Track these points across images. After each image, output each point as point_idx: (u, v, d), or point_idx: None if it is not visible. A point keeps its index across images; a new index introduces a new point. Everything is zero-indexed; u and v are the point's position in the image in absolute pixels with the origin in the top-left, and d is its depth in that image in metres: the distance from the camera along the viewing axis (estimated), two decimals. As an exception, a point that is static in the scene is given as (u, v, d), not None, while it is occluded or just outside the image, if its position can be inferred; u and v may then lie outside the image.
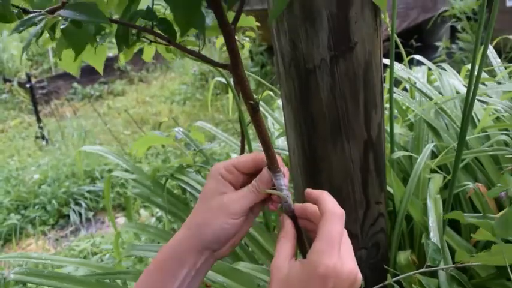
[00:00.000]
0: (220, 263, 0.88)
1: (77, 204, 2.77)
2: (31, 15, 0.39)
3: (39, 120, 3.93)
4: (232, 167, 0.51)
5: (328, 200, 0.48)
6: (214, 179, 0.51)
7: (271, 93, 1.55)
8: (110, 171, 2.99)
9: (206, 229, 0.48)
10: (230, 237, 0.50)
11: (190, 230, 0.49)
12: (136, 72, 5.31)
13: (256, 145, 1.18)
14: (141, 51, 0.93)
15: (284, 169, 0.52)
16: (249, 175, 0.53)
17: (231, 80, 1.06)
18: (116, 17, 0.62)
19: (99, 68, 0.76)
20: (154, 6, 0.54)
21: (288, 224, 0.50)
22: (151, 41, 0.59)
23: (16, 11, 0.40)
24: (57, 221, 2.70)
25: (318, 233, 0.45)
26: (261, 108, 0.57)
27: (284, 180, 0.52)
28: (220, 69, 1.00)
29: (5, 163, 3.39)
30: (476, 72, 0.76)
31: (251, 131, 1.06)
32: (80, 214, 2.70)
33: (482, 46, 0.76)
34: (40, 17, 0.38)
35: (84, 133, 3.76)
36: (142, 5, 0.50)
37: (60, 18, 0.39)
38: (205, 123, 1.44)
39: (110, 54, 4.78)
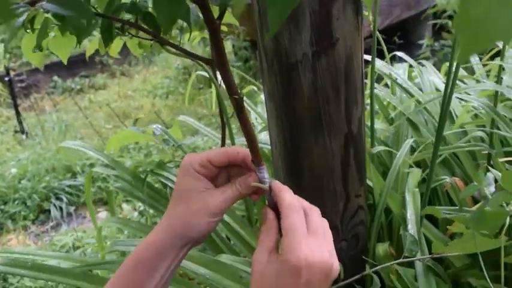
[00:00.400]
0: (203, 256, 0.89)
1: (58, 199, 2.73)
2: (12, 6, 0.38)
3: (18, 114, 3.86)
4: (207, 162, 0.50)
5: (285, 196, 0.49)
6: (190, 175, 0.50)
7: (254, 87, 1.56)
8: (91, 165, 2.96)
9: (191, 229, 0.49)
10: (212, 231, 0.51)
11: (171, 228, 0.49)
12: (118, 65, 5.25)
13: (241, 140, 1.19)
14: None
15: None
16: (222, 168, 0.53)
17: (215, 74, 1.07)
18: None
19: (64, 59, 0.73)
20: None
21: (270, 217, 0.51)
22: (133, 35, 0.59)
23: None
24: (38, 216, 2.67)
25: (282, 230, 0.47)
26: (244, 103, 0.58)
27: (267, 174, 0.53)
28: (203, 63, 1.00)
29: (-17, 158, 3.33)
30: (454, 69, 0.78)
31: (234, 125, 1.07)
32: (61, 209, 2.67)
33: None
34: (22, 9, 0.38)
35: (65, 127, 3.71)
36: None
37: (42, 10, 0.39)
38: (188, 118, 1.44)
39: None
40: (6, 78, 3.95)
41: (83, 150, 1.24)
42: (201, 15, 0.44)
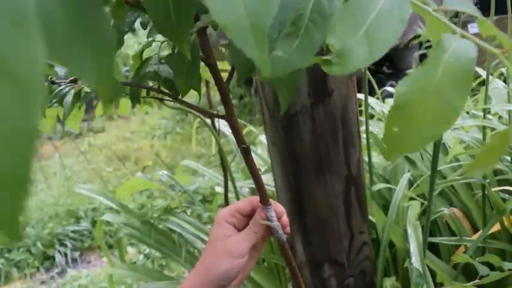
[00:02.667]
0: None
1: (62, 245, 2.74)
2: (60, 87, 0.45)
3: None
4: (236, 211, 0.57)
5: None
6: (219, 225, 0.56)
7: (253, 129, 1.61)
8: (94, 209, 2.98)
9: (214, 270, 0.54)
10: (236, 274, 0.55)
11: (200, 272, 0.54)
12: (115, 108, 5.34)
13: (242, 183, 1.23)
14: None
15: (278, 207, 0.58)
16: (249, 217, 0.58)
17: (214, 126, 1.12)
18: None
19: (76, 128, 0.82)
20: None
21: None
22: (156, 98, 0.65)
23: (46, 83, 0.46)
24: (43, 263, 2.67)
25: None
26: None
27: (274, 213, 0.58)
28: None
29: (-14, 206, 3.34)
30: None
31: (233, 168, 1.12)
32: (66, 255, 2.68)
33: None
34: (67, 88, 0.45)
35: (67, 172, 3.75)
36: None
37: (83, 86, 0.45)
38: (191, 162, 1.49)
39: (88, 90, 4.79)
40: (7, 127, 4.00)
41: (92, 195, 1.28)
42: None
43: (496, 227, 0.98)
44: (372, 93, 1.61)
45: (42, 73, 0.14)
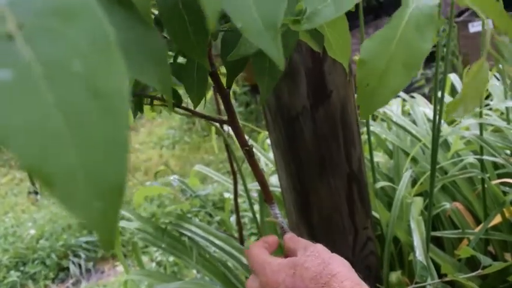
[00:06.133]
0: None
1: (76, 256, 2.79)
2: None
3: (31, 176, 3.95)
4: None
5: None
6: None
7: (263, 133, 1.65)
8: (106, 220, 3.03)
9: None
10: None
11: None
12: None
13: (253, 184, 1.27)
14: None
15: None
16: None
17: (223, 128, 1.16)
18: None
19: None
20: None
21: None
22: (164, 105, 0.68)
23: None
24: (58, 274, 2.72)
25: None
26: (255, 150, 0.67)
27: (278, 210, 0.61)
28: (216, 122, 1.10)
29: (0, 221, 3.41)
30: (440, 100, 0.86)
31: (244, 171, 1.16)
32: (80, 265, 2.72)
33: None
34: None
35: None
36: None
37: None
38: (202, 167, 1.52)
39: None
40: (18, 143, 4.07)
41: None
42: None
43: (498, 219, 1.01)
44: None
45: (127, 89, 0.15)
